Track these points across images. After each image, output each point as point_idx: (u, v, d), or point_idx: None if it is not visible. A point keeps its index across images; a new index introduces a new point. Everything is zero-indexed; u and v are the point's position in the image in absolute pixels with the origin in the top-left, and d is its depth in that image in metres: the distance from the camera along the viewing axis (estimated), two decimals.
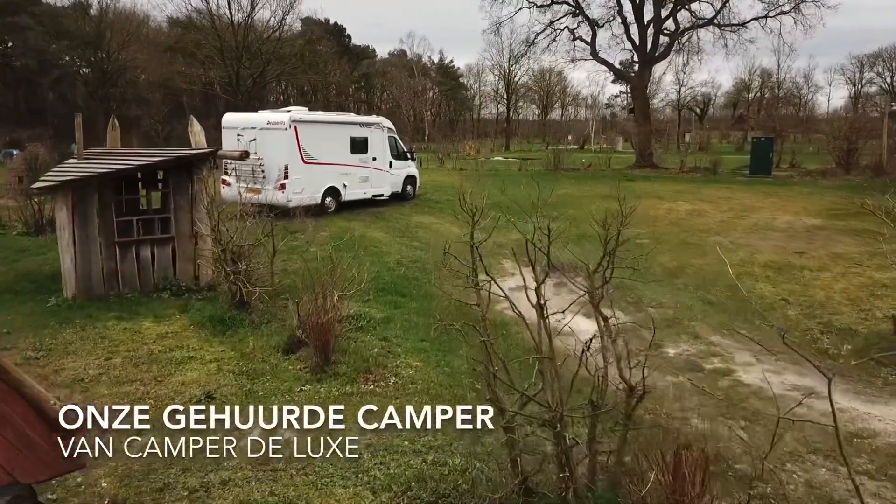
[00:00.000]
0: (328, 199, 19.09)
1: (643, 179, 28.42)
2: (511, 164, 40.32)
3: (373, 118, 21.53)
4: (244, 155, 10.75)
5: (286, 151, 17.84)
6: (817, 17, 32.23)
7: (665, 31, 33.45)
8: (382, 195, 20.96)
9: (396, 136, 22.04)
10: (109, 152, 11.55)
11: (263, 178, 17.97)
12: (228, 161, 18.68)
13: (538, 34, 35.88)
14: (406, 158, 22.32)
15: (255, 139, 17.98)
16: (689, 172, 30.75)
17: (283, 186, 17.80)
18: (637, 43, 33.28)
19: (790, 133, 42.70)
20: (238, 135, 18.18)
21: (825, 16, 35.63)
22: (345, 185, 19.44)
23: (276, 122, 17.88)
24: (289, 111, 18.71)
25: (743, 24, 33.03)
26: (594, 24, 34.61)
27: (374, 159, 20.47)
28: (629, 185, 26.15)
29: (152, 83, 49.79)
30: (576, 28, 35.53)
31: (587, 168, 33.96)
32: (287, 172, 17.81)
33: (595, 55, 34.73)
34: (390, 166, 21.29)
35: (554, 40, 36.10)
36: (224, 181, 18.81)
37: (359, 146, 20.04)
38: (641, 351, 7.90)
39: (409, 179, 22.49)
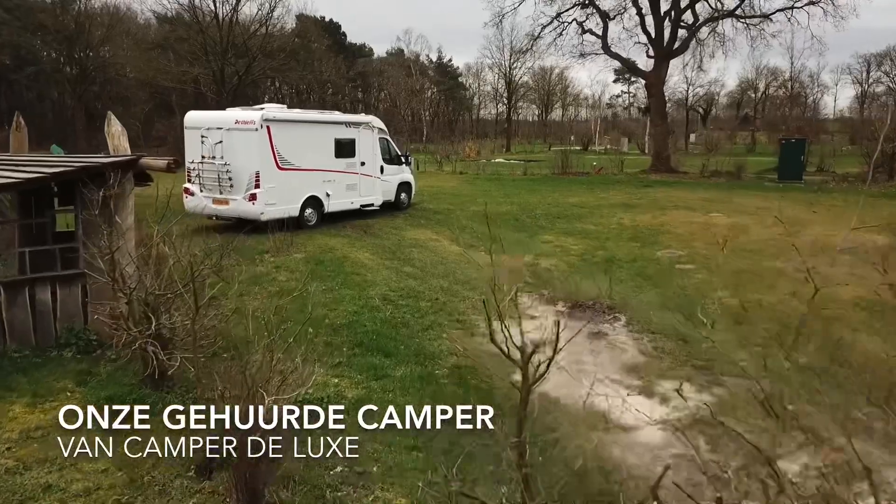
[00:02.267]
0: (308, 211, 16.43)
1: (662, 185, 25.80)
2: (514, 167, 37.71)
3: (361, 117, 18.87)
4: (172, 165, 8.06)
5: (257, 155, 15.18)
6: (849, 8, 29.60)
7: (683, 24, 30.85)
8: (373, 205, 18.32)
9: (389, 137, 19.40)
10: (7, 159, 8.87)
11: (231, 186, 15.33)
12: (192, 165, 16.08)
13: (544, 27, 33.26)
14: (400, 163, 19.67)
15: (220, 141, 15.35)
16: (710, 177, 28.12)
17: (253, 197, 15.14)
18: (653, 36, 30.64)
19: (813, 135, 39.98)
20: (202, 136, 15.54)
21: (858, 6, 32.84)
22: (328, 195, 16.78)
23: (245, 121, 15.20)
24: (262, 108, 16.03)
25: (767, 16, 30.40)
26: (605, 16, 31.99)
27: (363, 164, 17.83)
28: (648, 192, 23.55)
29: (138, 81, 47.11)
30: (584, 21, 32.95)
31: (598, 171, 31.33)
32: (258, 180, 15.15)
33: (606, 49, 32.08)
34: (382, 172, 18.65)
35: (560, 34, 33.52)
36: (186, 190, 16.19)
37: (345, 149, 17.39)
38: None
39: (404, 186, 19.85)
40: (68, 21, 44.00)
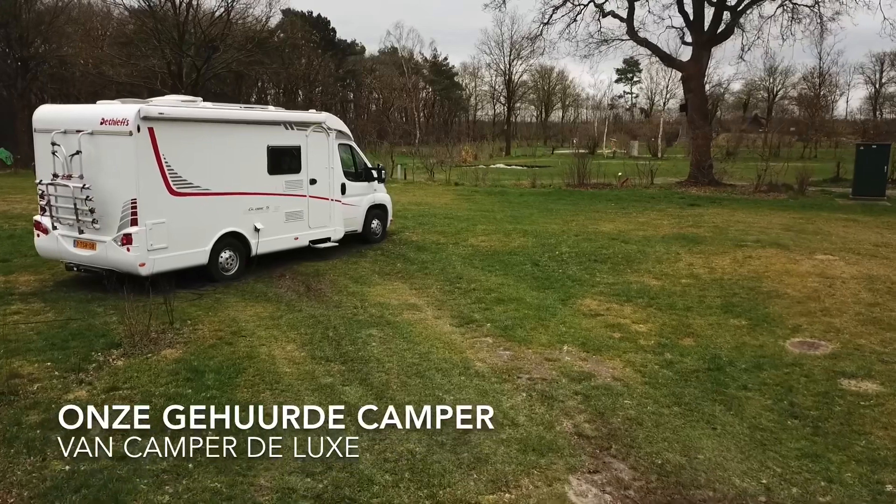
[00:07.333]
0: (225, 256, 10.95)
1: (712, 204, 20.34)
2: (520, 175, 32.28)
3: (310, 115, 13.23)
4: None
5: (133, 174, 9.64)
6: None
7: (727, 5, 25.39)
8: (329, 239, 12.87)
9: (353, 143, 13.93)
10: None
11: (94, 221, 9.82)
12: (41, 188, 10.54)
13: (556, 9, 27.82)
14: (371, 178, 14.21)
15: (78, 151, 9.83)
16: (767, 192, 22.64)
17: (128, 238, 9.63)
18: (691, 18, 25.21)
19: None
20: (53, 143, 10.02)
21: None
22: (257, 229, 11.31)
23: (114, 120, 9.66)
24: (146, 103, 10.42)
25: None
26: None
27: (314, 182, 12.37)
28: (699, 214, 18.09)
29: (106, 77, 41.42)
30: (604, 2, 27.51)
31: (623, 184, 25.84)
32: (135, 212, 9.63)
33: (633, 35, 26.60)
34: (343, 192, 13.20)
35: (574, 19, 28.10)
36: (38, 225, 10.68)
37: (284, 161, 11.91)
38: None
39: (376, 211, 14.38)
40: (6, 7, 38.23)
